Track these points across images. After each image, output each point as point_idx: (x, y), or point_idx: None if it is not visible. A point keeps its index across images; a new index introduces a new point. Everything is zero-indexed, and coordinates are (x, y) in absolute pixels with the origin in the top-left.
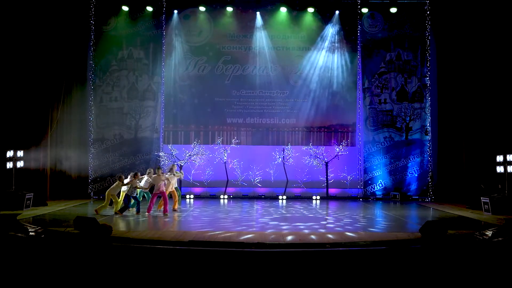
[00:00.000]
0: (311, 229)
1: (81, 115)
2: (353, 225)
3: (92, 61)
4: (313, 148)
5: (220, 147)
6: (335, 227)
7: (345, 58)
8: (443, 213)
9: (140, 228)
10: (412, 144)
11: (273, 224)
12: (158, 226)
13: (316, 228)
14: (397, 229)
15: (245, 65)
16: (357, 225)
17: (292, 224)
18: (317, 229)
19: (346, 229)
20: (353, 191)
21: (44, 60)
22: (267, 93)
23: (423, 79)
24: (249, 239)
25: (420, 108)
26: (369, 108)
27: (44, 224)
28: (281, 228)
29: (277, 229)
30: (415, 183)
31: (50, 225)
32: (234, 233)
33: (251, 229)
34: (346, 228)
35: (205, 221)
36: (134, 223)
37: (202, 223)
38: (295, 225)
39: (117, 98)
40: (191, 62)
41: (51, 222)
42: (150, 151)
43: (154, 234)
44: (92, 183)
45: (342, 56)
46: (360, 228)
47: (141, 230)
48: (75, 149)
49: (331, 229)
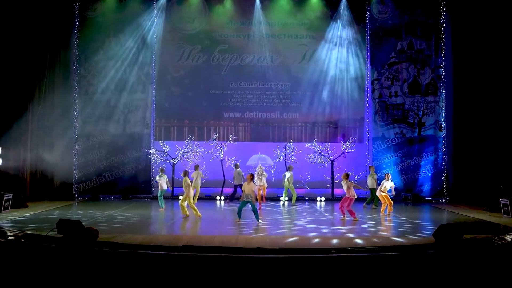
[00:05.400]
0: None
1: (65, 109)
2: (359, 228)
3: (76, 49)
4: (318, 145)
5: (216, 143)
6: (338, 231)
7: (352, 47)
8: (459, 216)
9: (128, 232)
10: (425, 141)
11: (274, 228)
12: (148, 230)
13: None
14: (409, 233)
15: (243, 55)
16: (364, 228)
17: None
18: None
19: (351, 232)
20: (360, 192)
21: (21, 47)
22: (268, 85)
23: (438, 70)
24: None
25: (434, 102)
26: (378, 102)
27: (24, 228)
28: (282, 233)
29: (278, 234)
30: (428, 183)
31: (31, 228)
32: (232, 236)
33: (250, 231)
34: (352, 232)
35: (200, 224)
36: (122, 226)
37: (196, 226)
38: (300, 228)
39: (104, 90)
40: (184, 51)
41: (32, 225)
42: (140, 148)
43: (144, 238)
44: (77, 183)
45: (349, 45)
46: (368, 232)
47: (130, 234)
48: (58, 146)
49: (334, 233)
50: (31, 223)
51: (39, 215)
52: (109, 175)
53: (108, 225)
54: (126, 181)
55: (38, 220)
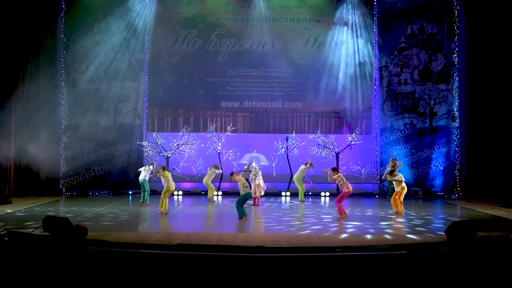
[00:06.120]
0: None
1: (51, 98)
2: (367, 225)
3: (63, 34)
4: (322, 136)
5: (213, 135)
6: (344, 227)
7: (359, 31)
8: (473, 212)
9: (120, 229)
10: (437, 132)
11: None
12: (141, 227)
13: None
14: (419, 231)
15: (242, 40)
16: (372, 225)
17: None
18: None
19: (358, 229)
20: (368, 187)
21: (2, 32)
22: (268, 72)
23: (450, 56)
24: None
25: (446, 90)
26: (387, 90)
27: (8, 225)
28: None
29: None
30: (440, 177)
31: (15, 226)
32: (230, 234)
33: (250, 229)
34: (358, 229)
35: (196, 221)
36: (112, 224)
37: (192, 223)
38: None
39: (92, 78)
40: (179, 36)
41: (17, 223)
42: (131, 140)
43: (136, 236)
44: (64, 177)
45: (356, 30)
46: (376, 230)
47: (121, 232)
48: (43, 138)
49: (340, 230)
50: (15, 220)
51: (24, 212)
52: (99, 169)
53: (98, 223)
54: (116, 175)
55: (23, 217)
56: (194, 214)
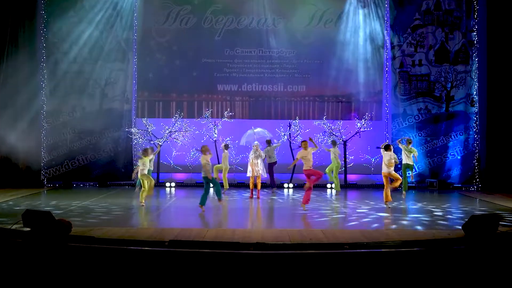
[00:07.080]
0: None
1: (30, 81)
2: (377, 220)
3: (43, 10)
4: (328, 123)
5: (209, 121)
6: (351, 221)
7: (369, 7)
8: (493, 206)
9: (107, 224)
10: (454, 118)
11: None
12: (130, 222)
13: None
14: (435, 226)
15: (240, 17)
16: (383, 220)
17: None
18: None
19: (366, 225)
20: (378, 178)
21: None
22: (269, 52)
23: (469, 34)
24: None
25: (464, 72)
26: (399, 72)
27: None
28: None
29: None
30: (457, 168)
31: None
32: (228, 230)
33: (249, 224)
34: (367, 224)
35: (190, 215)
36: (99, 218)
37: (186, 218)
38: None
39: (76, 58)
40: (171, 12)
41: None
42: (119, 127)
43: (125, 232)
44: (46, 168)
45: (365, 5)
46: (387, 224)
47: (109, 227)
48: (22, 124)
49: (347, 225)
50: None
51: (2, 205)
52: (84, 159)
53: (82, 217)
54: (103, 166)
55: (0, 211)
56: (188, 207)
